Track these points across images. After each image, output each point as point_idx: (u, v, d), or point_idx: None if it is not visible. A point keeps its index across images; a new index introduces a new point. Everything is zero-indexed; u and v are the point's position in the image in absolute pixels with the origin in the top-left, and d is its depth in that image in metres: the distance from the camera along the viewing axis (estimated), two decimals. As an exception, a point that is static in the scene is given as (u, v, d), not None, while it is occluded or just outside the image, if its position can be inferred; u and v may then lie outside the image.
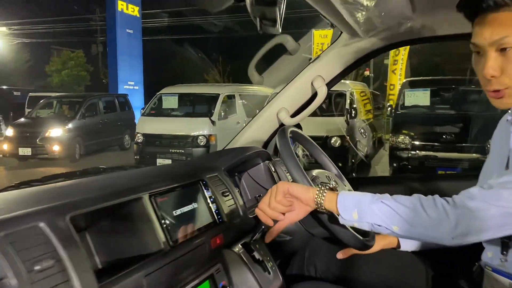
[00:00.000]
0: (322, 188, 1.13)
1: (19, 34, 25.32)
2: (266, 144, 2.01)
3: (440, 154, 6.81)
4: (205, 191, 1.24)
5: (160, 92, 10.30)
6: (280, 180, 1.74)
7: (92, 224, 0.99)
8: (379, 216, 1.03)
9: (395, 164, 7.18)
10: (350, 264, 1.52)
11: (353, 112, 8.28)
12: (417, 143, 7.01)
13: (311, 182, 1.26)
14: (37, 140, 10.15)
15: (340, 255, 1.45)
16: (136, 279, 0.88)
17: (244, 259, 1.26)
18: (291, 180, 1.26)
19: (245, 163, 1.70)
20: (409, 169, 6.87)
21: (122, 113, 12.92)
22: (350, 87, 8.75)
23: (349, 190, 1.59)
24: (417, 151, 6.98)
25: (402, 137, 7.12)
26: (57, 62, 25.79)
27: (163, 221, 1.02)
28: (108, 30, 19.10)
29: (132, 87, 18.77)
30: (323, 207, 1.10)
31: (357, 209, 1.06)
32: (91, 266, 0.81)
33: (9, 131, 10.53)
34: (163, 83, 10.93)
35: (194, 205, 1.17)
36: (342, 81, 8.72)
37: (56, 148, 10.04)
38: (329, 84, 1.87)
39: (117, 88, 18.15)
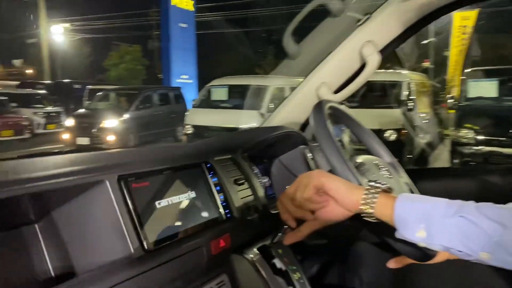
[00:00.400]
0: (372, 189, 0.79)
1: (80, 29, 26.40)
2: (303, 128, 1.68)
3: (506, 150, 6.13)
4: (209, 177, 0.94)
5: (209, 84, 10.23)
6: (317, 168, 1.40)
7: (40, 213, 0.73)
8: (458, 238, 0.69)
9: (456, 160, 6.58)
10: (405, 277, 1.19)
11: (411, 104, 7.68)
12: (481, 137, 6.36)
13: (357, 176, 0.94)
14: (94, 131, 10.40)
15: (392, 264, 1.08)
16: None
17: (260, 268, 0.95)
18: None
19: (274, 147, 1.39)
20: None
21: (175, 105, 13.05)
22: (408, 77, 8.13)
23: (406, 184, 1.23)
24: (481, 146, 6.33)
25: (465, 131, 6.50)
26: (115, 56, 26.62)
27: (136, 215, 0.73)
28: (162, 24, 19.41)
29: (185, 81, 18.95)
30: (373, 217, 0.77)
31: (424, 224, 0.71)
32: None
33: (69, 122, 10.91)
34: (217, 76, 10.83)
35: (191, 194, 0.87)
36: (399, 70, 8.18)
37: (110, 138, 10.24)
38: (383, 51, 1.50)
39: (170, 81, 18.40)
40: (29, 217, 0.73)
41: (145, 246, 0.72)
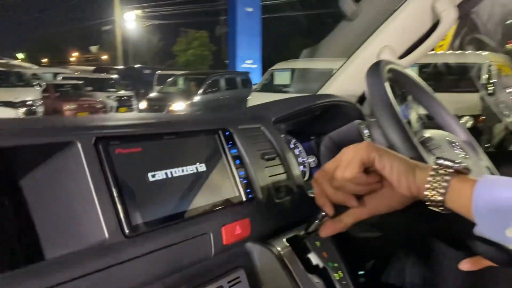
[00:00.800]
0: (442, 169, 0.56)
1: (151, 16, 27.19)
2: (361, 101, 1.44)
3: None
4: (226, 147, 0.75)
5: (273, 67, 10.07)
6: None
7: (6, 183, 0.58)
8: None
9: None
10: (481, 282, 0.95)
11: (491, 88, 6.96)
12: None
13: (421, 151, 0.71)
14: (163, 113, 10.85)
15: (465, 266, 0.83)
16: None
17: (289, 264, 0.75)
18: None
19: (322, 121, 1.17)
20: None
21: (243, 90, 13.10)
22: (487, 58, 7.39)
23: (487, 168, 0.97)
24: None
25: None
26: (183, 42, 27.16)
27: (116, 189, 0.56)
28: (229, 9, 19.46)
29: (250, 66, 18.93)
30: (441, 207, 0.55)
31: None
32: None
33: (143, 104, 11.41)
34: (282, 60, 10.64)
35: (199, 167, 0.69)
36: (478, 52, 7.45)
37: None
38: (462, 6, 1.22)
39: (235, 66, 18.47)
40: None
41: (125, 230, 0.55)
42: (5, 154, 0.55)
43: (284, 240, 0.78)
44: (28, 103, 9.56)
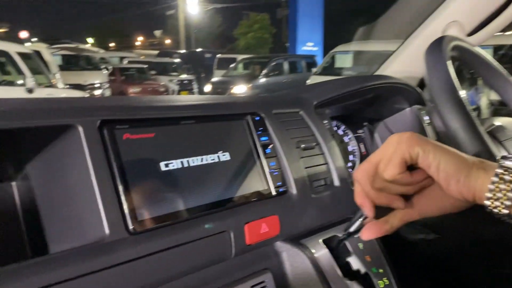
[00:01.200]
0: (509, 172, 0.44)
1: (213, 0, 27.43)
2: (423, 85, 1.29)
3: None
4: (255, 134, 0.66)
5: (334, 50, 9.80)
6: (438, 139, 1.04)
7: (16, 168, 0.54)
8: None
9: None
10: None
11: None
12: None
13: (489, 144, 0.59)
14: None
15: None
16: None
17: (324, 268, 0.65)
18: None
19: (376, 105, 1.05)
20: None
21: (307, 73, 12.95)
22: None
23: None
24: None
25: None
26: (244, 25, 27.17)
27: (121, 179, 0.50)
28: (291, -10, 19.11)
29: (310, 48, 18.56)
30: (507, 219, 0.45)
31: None
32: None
33: (207, 87, 11.71)
34: (344, 43, 10.29)
35: (222, 156, 0.61)
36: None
37: None
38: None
39: (296, 49, 18.18)
40: (6, 170, 0.55)
41: (129, 226, 0.49)
42: (11, 136, 0.51)
43: (320, 241, 0.68)
44: (96, 85, 10.03)
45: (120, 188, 0.50)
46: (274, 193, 0.65)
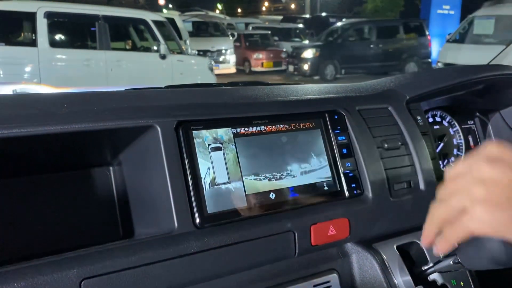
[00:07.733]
0: None
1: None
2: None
3: None
4: (332, 133, 0.65)
5: (474, 14, 8.75)
6: None
7: (112, 155, 0.62)
8: None
9: None
10: None
11: None
12: None
13: None
14: (297, 60, 11.20)
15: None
16: (68, 277, 0.47)
17: (395, 275, 0.63)
18: None
19: (491, 95, 0.95)
20: None
21: (408, 39, 11.97)
22: None
23: None
24: None
25: None
26: (373, -13, 25.66)
27: (191, 175, 0.54)
28: None
29: (446, 12, 16.84)
30: None
31: None
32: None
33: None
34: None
35: (294, 156, 0.62)
36: None
37: (305, 67, 10.88)
38: None
39: (429, 12, 16.65)
40: (105, 156, 0.64)
41: (196, 220, 0.53)
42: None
43: (394, 246, 0.66)
44: (222, 51, 10.55)
45: (191, 185, 0.54)
46: (347, 194, 0.64)
